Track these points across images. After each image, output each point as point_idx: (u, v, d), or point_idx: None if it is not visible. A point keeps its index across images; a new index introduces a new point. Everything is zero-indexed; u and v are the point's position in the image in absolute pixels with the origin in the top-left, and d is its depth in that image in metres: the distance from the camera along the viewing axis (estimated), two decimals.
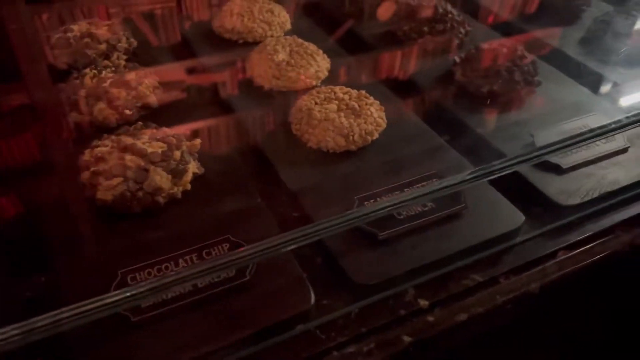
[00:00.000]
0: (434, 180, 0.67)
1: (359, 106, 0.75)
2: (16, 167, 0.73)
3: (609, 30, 0.94)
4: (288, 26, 1.01)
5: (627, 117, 0.64)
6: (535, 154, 0.61)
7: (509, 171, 0.59)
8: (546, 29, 1.03)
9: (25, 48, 0.89)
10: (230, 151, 0.74)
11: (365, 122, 0.74)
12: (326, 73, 0.88)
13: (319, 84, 0.87)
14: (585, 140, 0.61)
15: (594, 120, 0.77)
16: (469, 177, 0.57)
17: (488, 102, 0.82)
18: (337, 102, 0.76)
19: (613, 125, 0.61)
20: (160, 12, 1.09)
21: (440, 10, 0.95)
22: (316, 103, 0.76)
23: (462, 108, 0.82)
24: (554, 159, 0.71)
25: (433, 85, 0.87)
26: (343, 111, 0.75)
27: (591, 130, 0.61)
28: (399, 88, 0.88)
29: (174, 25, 1.07)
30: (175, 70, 0.90)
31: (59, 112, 0.76)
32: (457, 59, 0.87)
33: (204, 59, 0.93)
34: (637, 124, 0.67)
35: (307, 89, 0.84)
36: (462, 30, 0.95)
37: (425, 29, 0.94)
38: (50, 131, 0.74)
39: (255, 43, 0.95)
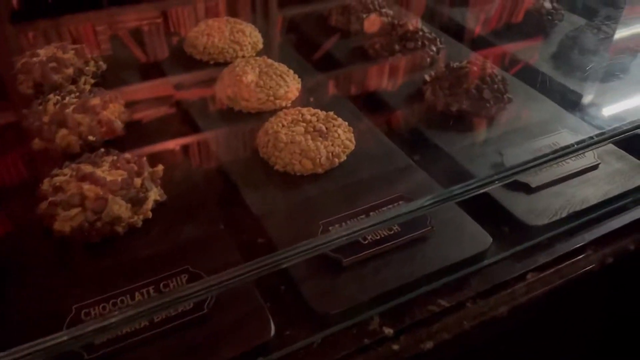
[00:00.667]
0: (401, 202, 0.66)
1: (327, 128, 0.75)
2: None
3: (579, 45, 0.94)
4: (260, 46, 1.00)
5: (597, 135, 0.64)
6: (502, 174, 0.60)
7: (475, 194, 0.58)
8: (519, 43, 1.03)
9: (6, 67, 0.89)
10: (196, 175, 0.73)
11: (332, 145, 0.73)
12: (296, 93, 0.87)
13: (289, 105, 0.86)
14: (553, 159, 0.60)
15: (564, 138, 0.76)
16: (432, 201, 0.56)
17: (457, 120, 0.81)
18: (304, 124, 0.75)
19: (582, 144, 0.61)
20: (147, 28, 1.09)
21: (411, 27, 0.95)
22: (283, 126, 0.75)
23: (431, 127, 0.81)
24: (523, 177, 0.71)
25: (403, 104, 0.86)
26: (310, 134, 0.74)
27: (562, 149, 0.60)
28: (369, 107, 0.87)
29: (153, 45, 1.07)
30: (144, 92, 0.89)
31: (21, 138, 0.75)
32: (427, 78, 0.86)
33: (174, 80, 0.93)
34: (606, 142, 0.67)
35: (277, 110, 0.84)
36: (433, 47, 0.95)
37: (397, 46, 0.94)
38: (10, 158, 0.73)
39: (227, 63, 0.94)
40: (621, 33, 0.97)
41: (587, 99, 0.87)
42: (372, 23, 1.08)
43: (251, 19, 1.15)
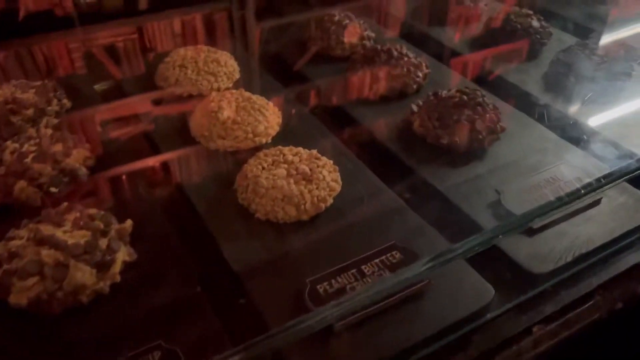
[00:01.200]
0: (394, 252, 0.61)
1: (311, 170, 0.69)
2: None
3: (571, 67, 0.90)
4: (236, 75, 0.94)
5: (605, 177, 0.59)
6: (507, 229, 0.56)
7: (480, 250, 0.53)
8: (507, 64, 0.98)
9: None
10: (169, 227, 0.67)
11: (317, 188, 0.67)
12: (277, 128, 0.82)
13: (269, 141, 0.80)
14: (559, 206, 0.55)
15: (563, 171, 0.72)
16: (433, 263, 0.51)
17: (448, 153, 0.77)
18: (286, 166, 0.70)
19: (590, 188, 0.56)
20: (123, 45, 1.05)
21: (395, 53, 0.90)
22: (263, 168, 0.70)
23: (421, 162, 0.76)
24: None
25: (390, 136, 0.81)
26: (293, 177, 0.68)
27: (569, 195, 0.56)
28: (354, 140, 0.82)
29: (126, 71, 1.02)
30: (111, 131, 0.83)
31: None
32: (415, 108, 0.82)
33: (145, 115, 0.87)
34: (617, 182, 0.62)
35: (257, 148, 0.78)
36: (419, 73, 0.90)
37: (381, 74, 0.89)
38: None
39: (201, 96, 0.88)
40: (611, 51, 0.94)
41: (583, 126, 0.83)
42: (351, 33, 1.04)
43: (229, 39, 1.11)
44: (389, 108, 0.87)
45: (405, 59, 0.90)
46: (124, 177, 0.74)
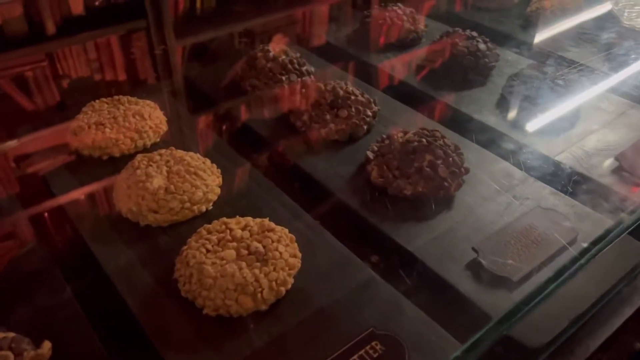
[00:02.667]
0: (374, 343, 0.52)
1: (264, 246, 0.59)
2: None
3: (526, 93, 0.85)
4: (164, 128, 0.83)
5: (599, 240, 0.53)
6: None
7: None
8: (458, 94, 0.92)
9: None
10: (97, 340, 0.55)
11: (274, 269, 0.58)
12: (218, 191, 0.71)
13: (210, 208, 0.70)
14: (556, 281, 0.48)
15: (539, 218, 0.66)
16: None
17: (413, 205, 0.69)
18: (235, 244, 0.59)
19: (589, 254, 0.50)
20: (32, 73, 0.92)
21: (341, 92, 0.82)
22: (207, 251, 0.59)
23: (385, 218, 0.68)
24: (504, 272, 0.60)
25: (347, 190, 0.73)
26: (244, 258, 0.58)
27: (563, 269, 0.49)
28: (306, 196, 0.73)
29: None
30: (17, 215, 0.69)
31: None
32: (371, 155, 0.74)
33: (59, 186, 0.73)
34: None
35: (196, 218, 0.68)
36: (369, 112, 0.83)
37: (327, 116, 0.80)
38: None
39: (124, 157, 0.76)
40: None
41: (543, 157, 0.78)
42: (277, 43, 0.96)
43: (148, 60, 1.00)
44: (342, 156, 0.79)
45: (353, 97, 0.82)
46: (31, 277, 0.61)
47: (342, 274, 0.61)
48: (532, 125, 0.83)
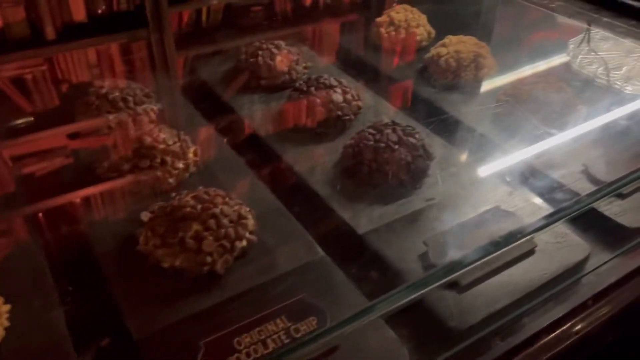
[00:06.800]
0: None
1: None
2: None
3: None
4: None
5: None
6: None
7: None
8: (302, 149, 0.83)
9: None
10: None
11: None
12: None
13: None
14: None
15: None
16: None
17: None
18: None
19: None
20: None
21: (147, 141, 0.74)
22: None
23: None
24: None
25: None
26: None
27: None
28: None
29: None
30: None
31: None
32: (144, 217, 0.66)
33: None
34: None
35: None
36: (181, 164, 0.75)
37: (126, 166, 0.73)
38: None
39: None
40: None
41: None
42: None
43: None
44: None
45: (162, 146, 0.74)
46: None
47: None
48: None
